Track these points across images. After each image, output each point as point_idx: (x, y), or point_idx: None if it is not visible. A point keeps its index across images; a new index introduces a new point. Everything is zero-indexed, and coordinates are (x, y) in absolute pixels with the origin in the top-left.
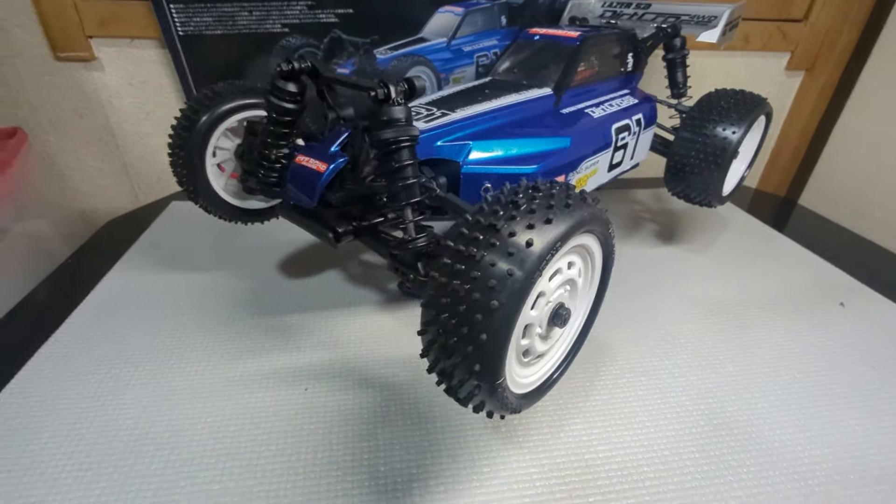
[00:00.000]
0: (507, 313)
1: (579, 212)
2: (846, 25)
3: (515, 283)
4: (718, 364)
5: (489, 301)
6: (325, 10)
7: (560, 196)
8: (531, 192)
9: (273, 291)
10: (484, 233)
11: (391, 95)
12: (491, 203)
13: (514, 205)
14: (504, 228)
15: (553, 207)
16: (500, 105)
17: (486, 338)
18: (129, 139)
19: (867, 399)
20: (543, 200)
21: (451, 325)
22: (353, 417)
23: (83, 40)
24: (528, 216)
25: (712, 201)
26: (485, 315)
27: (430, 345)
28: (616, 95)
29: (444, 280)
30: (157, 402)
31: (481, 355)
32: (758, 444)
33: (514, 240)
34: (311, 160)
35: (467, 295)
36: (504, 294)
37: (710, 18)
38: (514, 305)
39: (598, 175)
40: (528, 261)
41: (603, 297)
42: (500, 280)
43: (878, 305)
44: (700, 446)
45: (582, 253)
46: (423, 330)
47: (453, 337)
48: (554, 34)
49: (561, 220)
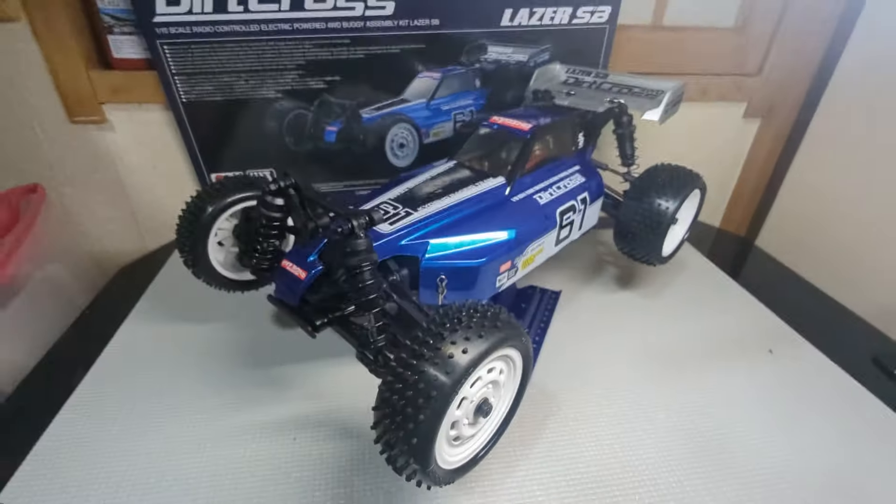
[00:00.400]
0: (438, 407)
1: (504, 331)
2: (796, 80)
3: (445, 386)
4: (652, 412)
5: (429, 392)
6: (315, 78)
7: (492, 318)
8: (472, 311)
9: (268, 341)
10: (433, 338)
11: (354, 230)
12: (441, 316)
13: (458, 321)
14: (447, 338)
15: (486, 327)
16: (457, 200)
17: (423, 418)
18: (137, 190)
19: (777, 447)
20: (479, 320)
21: (398, 406)
22: (334, 466)
23: (96, 106)
24: (466, 331)
25: (654, 261)
26: (425, 401)
27: (381, 419)
28: (566, 175)
29: (399, 370)
30: (167, 454)
31: (417, 436)
32: (677, 497)
33: (452, 349)
34: (294, 266)
35: (413, 385)
36: (437, 392)
37: (657, 93)
38: (444, 402)
39: (545, 251)
40: (457, 370)
41: (524, 392)
42: (436, 379)
43: (802, 352)
44: (624, 494)
45: (505, 359)
46: (376, 406)
47: (398, 416)
48: (508, 125)
49: (489, 337)
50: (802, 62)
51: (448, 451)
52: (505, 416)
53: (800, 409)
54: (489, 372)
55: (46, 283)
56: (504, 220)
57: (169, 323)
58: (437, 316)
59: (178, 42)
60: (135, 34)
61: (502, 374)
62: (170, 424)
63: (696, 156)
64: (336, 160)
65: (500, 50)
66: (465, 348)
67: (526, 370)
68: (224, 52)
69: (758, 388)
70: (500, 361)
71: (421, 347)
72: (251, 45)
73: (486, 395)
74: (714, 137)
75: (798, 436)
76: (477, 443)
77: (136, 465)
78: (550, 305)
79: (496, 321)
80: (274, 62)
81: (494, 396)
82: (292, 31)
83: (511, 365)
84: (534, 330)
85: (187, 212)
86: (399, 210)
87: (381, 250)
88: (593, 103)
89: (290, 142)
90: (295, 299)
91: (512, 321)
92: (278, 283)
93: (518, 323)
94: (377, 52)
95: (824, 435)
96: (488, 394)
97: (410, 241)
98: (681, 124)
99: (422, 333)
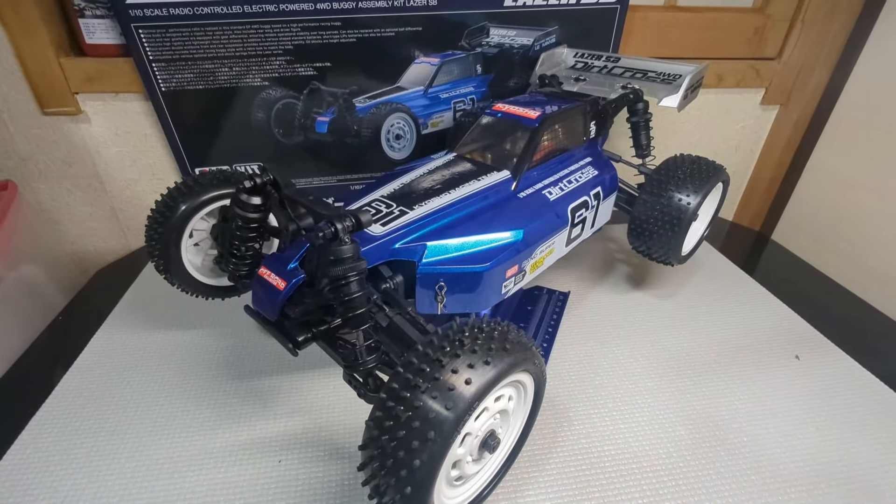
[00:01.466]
0: (437, 449)
1: (514, 354)
2: (818, 64)
3: (446, 424)
4: (671, 427)
5: (425, 432)
6: (304, 64)
7: (500, 338)
8: (476, 332)
9: (251, 350)
10: (431, 366)
11: (338, 234)
12: (441, 338)
13: (460, 343)
14: (447, 366)
15: (493, 350)
16: (457, 197)
17: (418, 464)
18: (117, 185)
19: (808, 465)
20: (485, 342)
21: (389, 448)
22: (324, 491)
23: (69, 96)
24: (469, 356)
25: (672, 260)
26: (421, 443)
27: (368, 461)
28: (577, 167)
29: (390, 404)
30: (140, 477)
31: (411, 484)
32: None
33: (453, 379)
34: (272, 275)
35: (407, 423)
36: (435, 432)
37: (674, 77)
38: (443, 443)
39: (556, 252)
40: (460, 404)
41: (536, 418)
42: (435, 415)
43: (832, 358)
44: None
45: (516, 385)
46: (363, 445)
47: (389, 459)
48: (514, 113)
49: (497, 362)
50: (826, 45)
51: (447, 493)
52: (514, 446)
53: (835, 422)
54: (496, 401)
55: (20, 285)
56: (510, 218)
57: (147, 329)
58: (434, 338)
59: (155, 25)
60: (108, 17)
61: (511, 400)
62: (144, 443)
63: (709, 145)
64: (328, 152)
65: (503, 33)
66: (468, 378)
67: (538, 394)
68: (205, 37)
69: (786, 398)
70: (509, 388)
71: (416, 377)
72: (234, 28)
73: (492, 428)
74: (729, 126)
75: (837, 453)
76: (481, 480)
77: (105, 489)
78: (559, 307)
79: (504, 342)
80: (259, 47)
81: (502, 427)
82: (278, 12)
83: (521, 390)
84: (541, 334)
85: (157, 211)
86: (392, 209)
87: (372, 255)
88: (605, 89)
89: (279, 133)
90: (273, 313)
91: (522, 340)
92: (255, 293)
93: (529, 341)
94: (370, 36)
95: (863, 450)
96: (495, 425)
97: (405, 243)
98: (693, 112)
99: (417, 359)
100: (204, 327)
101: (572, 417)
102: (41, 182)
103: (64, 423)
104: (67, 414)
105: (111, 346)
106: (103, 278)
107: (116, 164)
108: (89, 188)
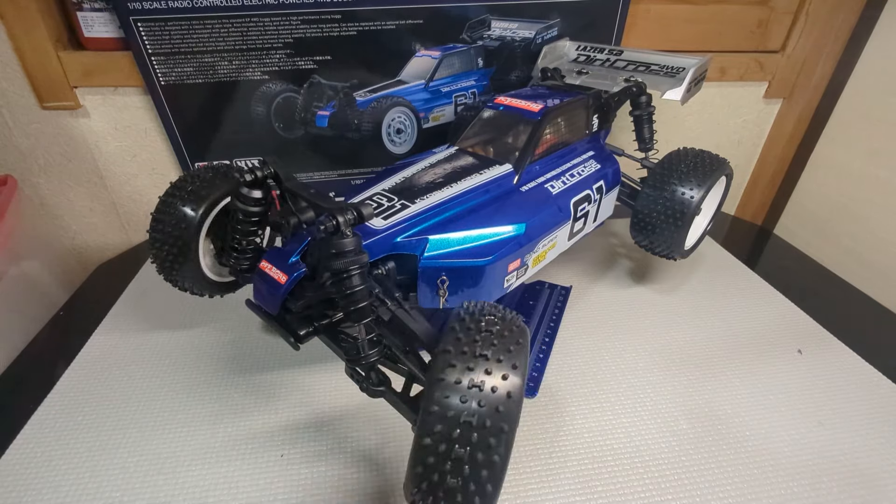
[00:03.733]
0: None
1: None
2: (822, 57)
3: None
4: (674, 422)
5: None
6: (304, 58)
7: (512, 337)
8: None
9: (253, 344)
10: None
11: (340, 227)
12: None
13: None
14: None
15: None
16: (459, 191)
17: (497, 459)
18: (117, 180)
19: (811, 459)
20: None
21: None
22: (327, 487)
23: (68, 91)
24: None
25: (674, 255)
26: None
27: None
28: (579, 161)
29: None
30: (142, 472)
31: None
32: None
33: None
34: (274, 269)
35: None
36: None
37: (678, 70)
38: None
39: (558, 247)
40: (514, 410)
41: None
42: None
43: (835, 352)
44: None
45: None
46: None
47: (465, 465)
48: (517, 106)
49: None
50: (830, 38)
51: None
52: None
53: (837, 416)
54: None
55: (21, 281)
56: (512, 212)
57: (148, 324)
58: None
59: (154, 19)
60: (106, 10)
61: None
62: (146, 438)
63: (712, 139)
64: (329, 147)
65: (504, 26)
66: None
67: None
68: (204, 30)
69: (789, 393)
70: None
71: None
72: (234, 21)
73: None
74: (732, 120)
75: (840, 447)
76: None
77: (107, 484)
78: (561, 302)
79: (518, 339)
80: (259, 41)
81: None
82: (278, 5)
83: None
84: (543, 329)
85: (165, 213)
86: (394, 202)
87: (374, 249)
88: (607, 83)
89: (279, 127)
90: (274, 307)
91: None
92: (256, 287)
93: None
94: (371, 29)
95: (865, 444)
96: None
97: (407, 237)
98: (696, 106)
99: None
100: (206, 322)
101: (574, 412)
102: (41, 177)
103: (66, 419)
104: (69, 409)
105: (112, 341)
106: (104, 273)
107: (116, 159)
108: (89, 183)
